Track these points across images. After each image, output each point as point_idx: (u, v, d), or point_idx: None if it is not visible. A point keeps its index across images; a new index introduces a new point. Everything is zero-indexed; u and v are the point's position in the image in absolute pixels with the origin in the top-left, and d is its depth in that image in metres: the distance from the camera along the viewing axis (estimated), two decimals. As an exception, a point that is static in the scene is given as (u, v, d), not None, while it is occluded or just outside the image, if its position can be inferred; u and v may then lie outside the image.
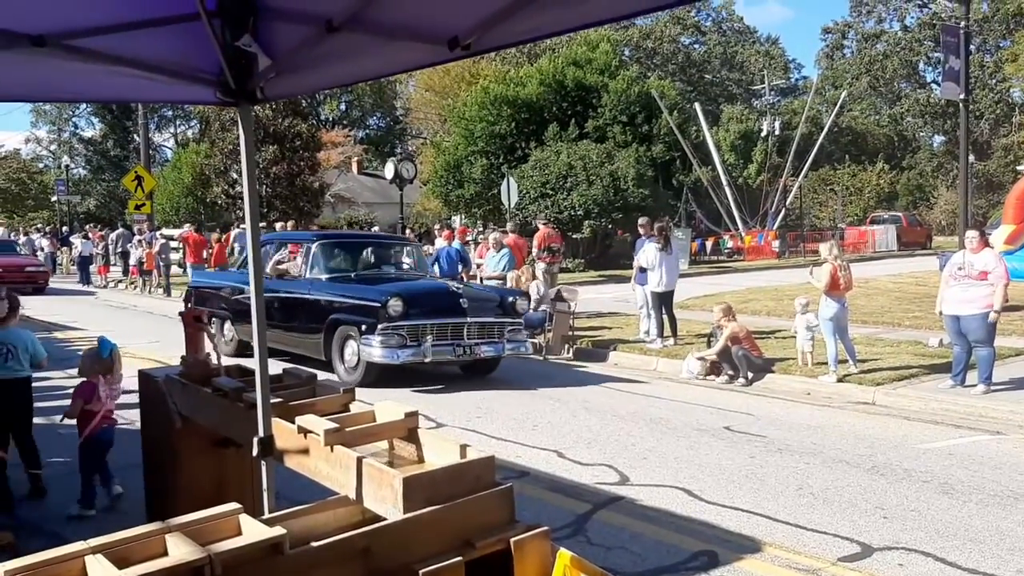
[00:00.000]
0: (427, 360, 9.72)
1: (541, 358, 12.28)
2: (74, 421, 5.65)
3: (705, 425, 8.18)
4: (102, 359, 5.57)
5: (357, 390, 8.44)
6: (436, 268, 15.67)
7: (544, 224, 17.20)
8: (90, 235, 31.05)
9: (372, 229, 29.75)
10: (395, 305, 9.56)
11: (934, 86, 61.93)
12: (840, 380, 9.71)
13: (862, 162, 55.07)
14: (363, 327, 9.69)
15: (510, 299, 10.68)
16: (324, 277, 10.87)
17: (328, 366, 10.28)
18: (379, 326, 9.55)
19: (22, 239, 34.45)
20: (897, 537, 5.22)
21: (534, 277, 14.32)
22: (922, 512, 5.67)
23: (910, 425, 8.24)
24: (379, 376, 9.80)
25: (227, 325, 12.36)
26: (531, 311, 12.56)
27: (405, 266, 12.20)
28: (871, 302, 16.72)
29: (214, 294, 12.89)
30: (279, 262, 11.64)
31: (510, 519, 2.82)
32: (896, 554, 4.96)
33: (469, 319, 9.99)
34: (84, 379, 5.62)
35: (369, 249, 12.27)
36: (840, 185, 51.14)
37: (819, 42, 75.08)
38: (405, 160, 26.88)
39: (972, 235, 9.15)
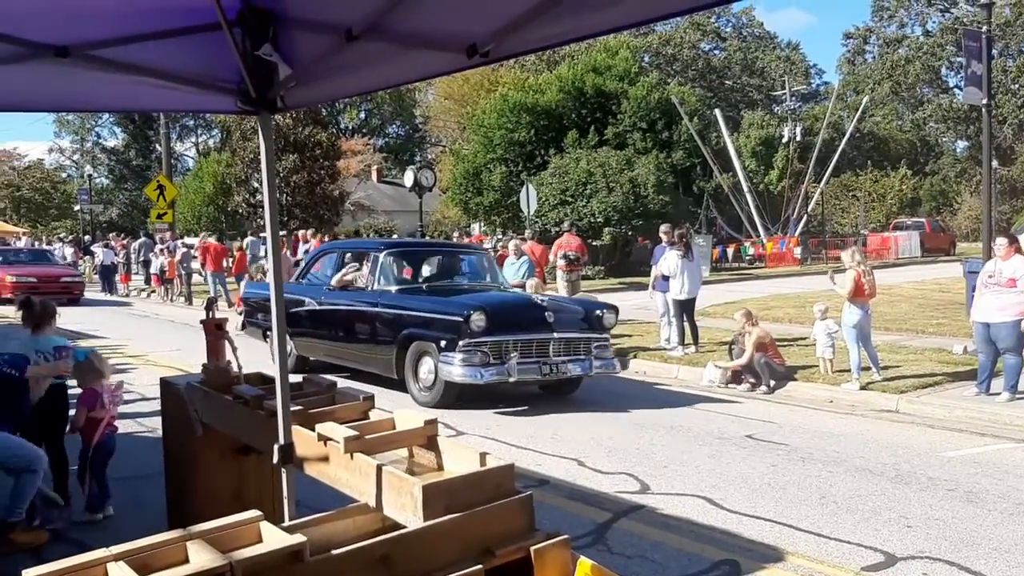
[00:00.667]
0: (512, 380, 8.95)
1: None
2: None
3: (727, 433, 8.13)
4: (90, 365, 5.63)
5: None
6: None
7: (569, 231, 17.13)
8: (112, 244, 31.32)
9: (391, 237, 29.82)
10: (478, 320, 8.77)
11: (956, 91, 61.48)
12: (863, 388, 9.63)
13: (884, 168, 54.70)
14: (442, 343, 8.93)
15: (596, 312, 9.80)
16: (393, 289, 10.10)
17: (399, 385, 9.67)
18: (460, 342, 8.79)
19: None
20: (921, 546, 5.16)
21: (545, 283, 14.28)
22: (947, 521, 5.61)
23: (934, 433, 8.16)
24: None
25: None
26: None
27: (476, 277, 11.40)
28: (894, 309, 16.59)
29: (265, 307, 12.07)
30: (346, 275, 10.99)
31: (530, 527, 2.81)
32: (920, 563, 4.90)
33: (555, 334, 9.24)
34: (85, 388, 5.67)
35: (439, 258, 11.64)
36: (862, 191, 50.82)
37: (840, 47, 74.76)
38: (424, 168, 26.93)
39: (1001, 242, 9.03)
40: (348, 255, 11.57)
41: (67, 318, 18.14)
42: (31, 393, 5.49)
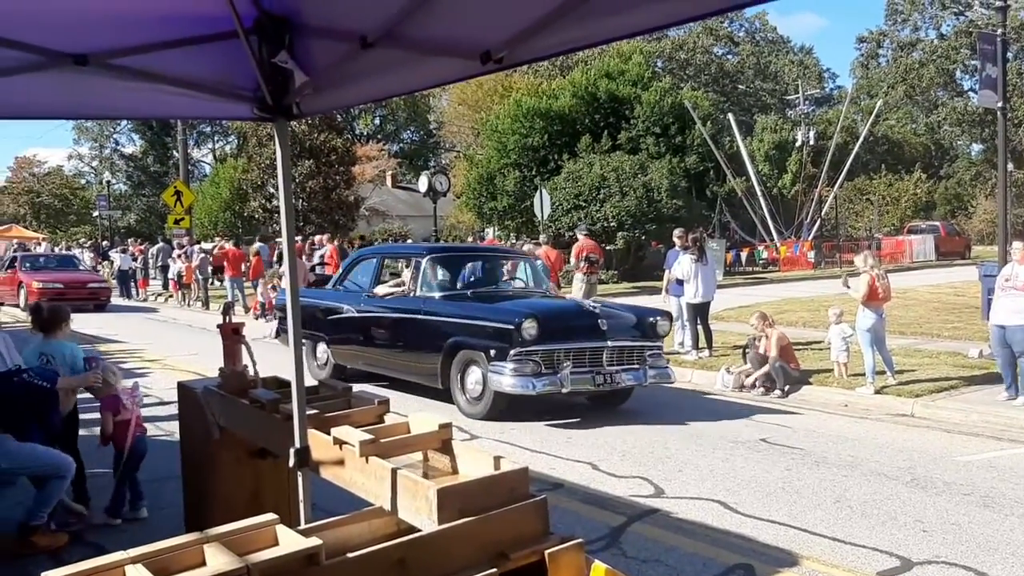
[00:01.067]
0: (565, 390, 8.54)
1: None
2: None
3: (741, 437, 8.11)
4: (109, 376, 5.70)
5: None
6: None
7: (584, 235, 17.12)
8: (131, 249, 31.53)
9: (407, 242, 29.90)
10: (530, 327, 8.39)
11: (971, 94, 61.09)
12: (878, 392, 9.59)
13: (899, 171, 54.45)
14: (491, 352, 8.54)
15: (650, 319, 9.33)
16: (437, 295, 9.70)
17: (443, 395, 9.35)
18: (511, 351, 8.40)
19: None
20: (937, 551, 5.14)
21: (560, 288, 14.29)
22: (963, 526, 5.59)
23: (950, 437, 8.12)
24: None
25: (320, 347, 11.34)
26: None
27: (520, 282, 11.01)
28: (909, 312, 16.52)
29: (304, 312, 12.01)
30: (397, 284, 10.57)
31: (544, 531, 2.82)
32: (936, 568, 4.88)
33: (609, 343, 8.82)
34: (103, 397, 5.72)
35: (484, 263, 11.10)
36: (876, 195, 50.58)
37: (854, 51, 74.44)
38: (439, 173, 26.98)
39: (1017, 246, 8.99)
40: (388, 260, 11.28)
41: (88, 323, 18.28)
42: (61, 406, 5.54)
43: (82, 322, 17.79)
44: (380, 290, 10.55)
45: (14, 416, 5.09)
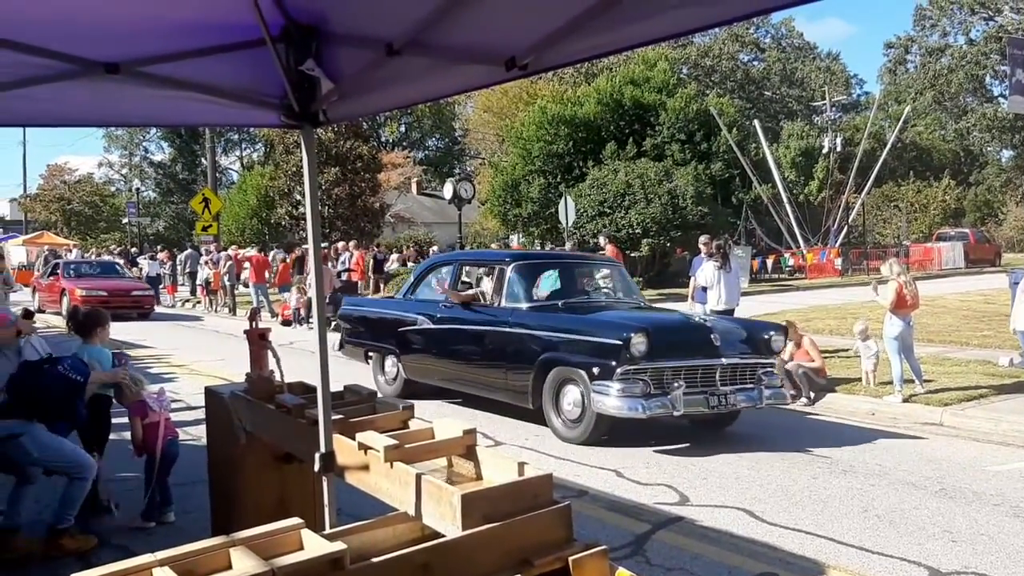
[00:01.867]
0: (677, 413, 7.73)
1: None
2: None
3: (766, 445, 8.06)
4: (126, 388, 5.75)
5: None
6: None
7: (608, 241, 17.07)
8: (159, 256, 31.85)
9: (431, 249, 30.00)
10: (639, 343, 7.61)
11: (1001, 100, 60.46)
12: (906, 400, 9.50)
13: (927, 178, 53.94)
14: (594, 370, 7.76)
15: (764, 334, 8.55)
16: (525, 306, 8.90)
17: (535, 416, 8.63)
18: (618, 369, 7.64)
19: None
20: (967, 561, 5.08)
21: None
22: (993, 536, 5.51)
23: (980, 446, 8.02)
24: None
25: (389, 360, 10.57)
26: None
27: (608, 291, 10.12)
28: (938, 320, 16.34)
29: (372, 324, 11.10)
30: (472, 293, 9.88)
31: (568, 537, 2.82)
32: (966, 579, 4.83)
33: (723, 359, 8.06)
34: (130, 404, 5.78)
35: (573, 271, 10.21)
36: (904, 201, 50.12)
37: (881, 57, 73.91)
38: (463, 180, 27.11)
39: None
40: (466, 268, 10.64)
41: (116, 328, 18.47)
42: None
43: (115, 329, 17.99)
44: (452, 296, 9.83)
45: (45, 406, 5.16)
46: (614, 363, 7.68)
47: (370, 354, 10.95)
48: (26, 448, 5.04)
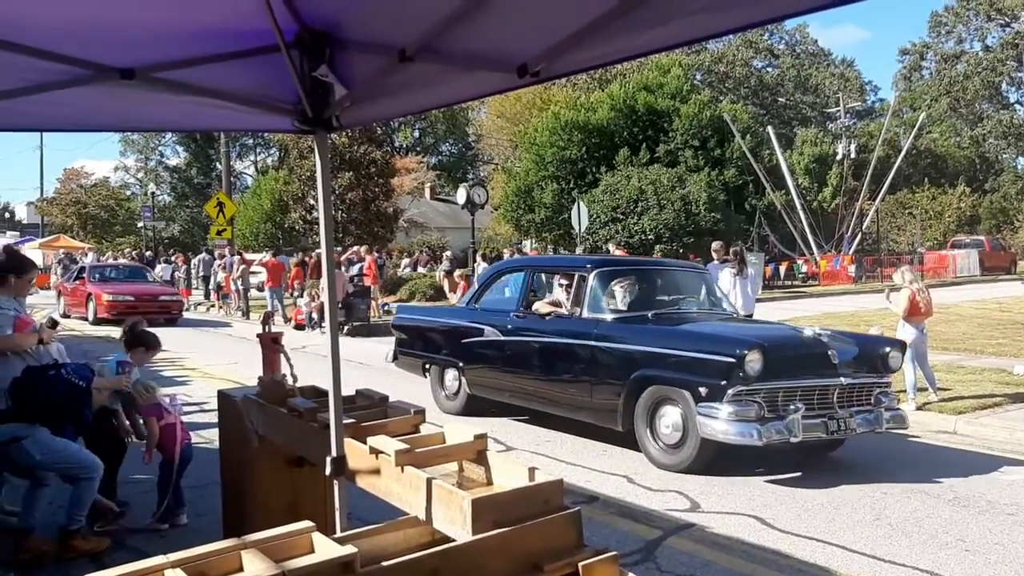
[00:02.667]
0: (794, 439, 6.88)
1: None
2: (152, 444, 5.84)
3: (778, 452, 8.02)
4: (137, 394, 5.77)
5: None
6: (507, 293, 15.59)
7: (618, 248, 17.08)
8: (174, 259, 32.03)
9: (445, 254, 30.03)
10: (754, 361, 6.83)
11: (1017, 106, 60.25)
12: (919, 408, 9.45)
13: (942, 185, 53.67)
14: (701, 390, 7.00)
15: (880, 349, 7.76)
16: (610, 317, 8.13)
17: (625, 439, 7.88)
18: (730, 390, 6.86)
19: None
20: (980, 571, 5.04)
21: None
22: (1006, 546, 5.48)
23: (994, 455, 7.97)
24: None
25: (450, 374, 9.85)
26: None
27: (703, 302, 9.18)
28: (952, 328, 16.25)
29: (430, 334, 10.32)
30: (554, 303, 8.96)
31: (578, 543, 2.82)
32: (979, 589, 4.80)
33: (842, 379, 7.25)
34: (144, 408, 5.81)
35: (658, 279, 9.43)
36: (919, 208, 49.88)
37: (896, 63, 73.66)
38: (477, 185, 27.15)
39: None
40: (541, 275, 9.85)
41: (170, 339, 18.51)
42: (93, 404, 5.64)
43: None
44: (540, 309, 8.90)
45: (49, 411, 5.18)
46: (725, 383, 6.88)
47: (428, 367, 10.22)
48: (28, 451, 5.06)
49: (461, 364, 9.55)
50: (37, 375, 5.17)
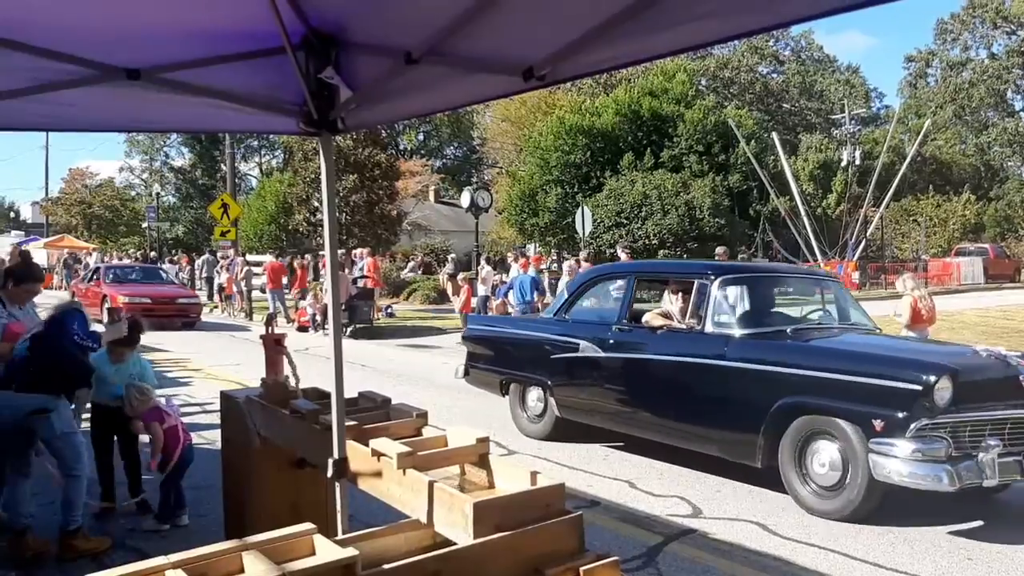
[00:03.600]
0: (990, 483, 5.83)
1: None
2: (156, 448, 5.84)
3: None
4: (129, 398, 5.78)
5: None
6: (511, 296, 15.61)
7: (625, 252, 17.06)
8: (178, 261, 32.07)
9: (448, 257, 30.05)
10: (944, 389, 5.77)
11: (1023, 114, 60.16)
12: (923, 416, 9.40)
13: (947, 192, 53.55)
14: (876, 423, 5.85)
15: None
16: (740, 333, 6.95)
17: (761, 476, 6.88)
18: (914, 423, 5.73)
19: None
20: (982, 580, 5.03)
21: None
22: (1008, 555, 5.46)
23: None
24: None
25: (534, 393, 8.80)
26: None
27: (841, 314, 8.09)
28: (956, 336, 16.21)
29: (511, 348, 9.22)
30: (665, 314, 7.94)
31: (580, 548, 2.82)
32: (981, 597, 4.78)
33: None
34: (144, 412, 5.81)
35: (791, 288, 8.51)
36: (923, 216, 49.80)
37: (902, 70, 73.64)
38: (481, 189, 27.16)
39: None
40: (646, 282, 8.77)
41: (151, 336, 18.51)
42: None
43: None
44: (652, 321, 7.85)
45: (67, 375, 5.17)
46: (906, 415, 5.77)
47: (508, 383, 9.13)
48: (53, 424, 5.05)
49: (549, 383, 8.46)
50: (51, 341, 5.10)
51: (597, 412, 8.11)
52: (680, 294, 7.85)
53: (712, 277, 7.37)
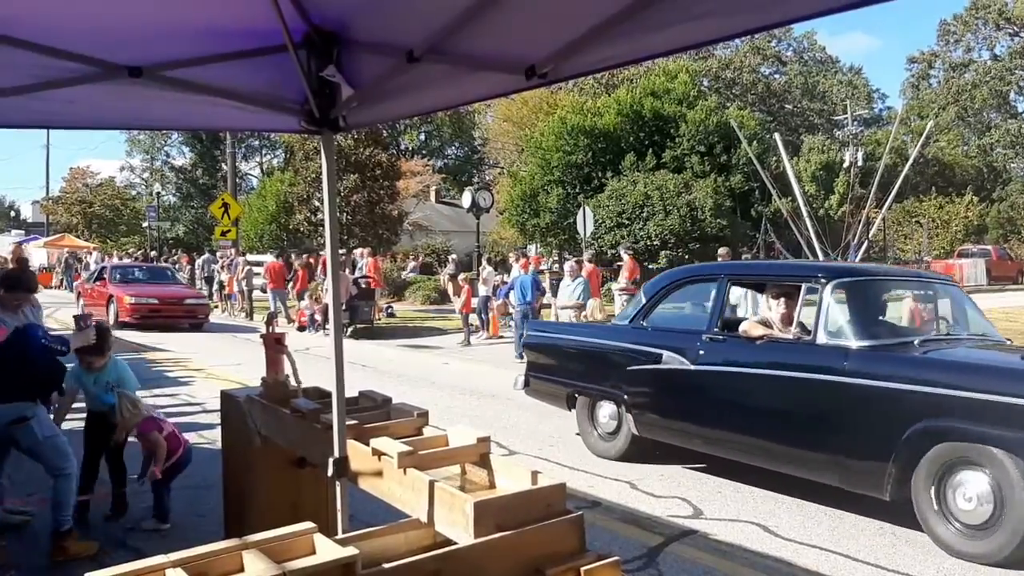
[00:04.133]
0: None
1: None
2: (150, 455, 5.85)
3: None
4: (121, 409, 5.75)
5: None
6: (512, 296, 15.61)
7: (628, 254, 17.06)
8: (178, 260, 32.07)
9: (449, 258, 30.04)
10: None
11: (1026, 116, 60.13)
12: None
13: (949, 194, 53.51)
14: None
15: None
16: (858, 345, 6.11)
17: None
18: None
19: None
20: (984, 582, 5.01)
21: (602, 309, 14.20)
22: (1011, 556, 5.44)
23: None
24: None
25: (606, 408, 8.03)
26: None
27: (962, 324, 7.23)
28: (958, 338, 16.18)
29: (580, 358, 8.48)
30: (764, 322, 7.00)
31: (580, 548, 2.81)
32: (983, 599, 4.76)
33: None
34: (139, 424, 5.79)
35: (912, 294, 7.85)
36: (926, 217, 49.77)
37: (904, 72, 73.64)
38: (482, 189, 27.17)
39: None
40: (740, 287, 8.13)
41: (154, 337, 18.53)
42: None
43: (148, 337, 18.08)
44: (752, 331, 6.90)
45: (38, 381, 5.11)
46: None
47: (575, 398, 8.38)
48: (34, 431, 5.00)
49: (625, 397, 7.65)
50: (17, 347, 5.00)
51: (685, 433, 7.32)
52: (782, 299, 6.91)
53: (824, 280, 6.55)
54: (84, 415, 6.10)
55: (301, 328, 19.71)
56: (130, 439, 6.14)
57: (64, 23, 2.79)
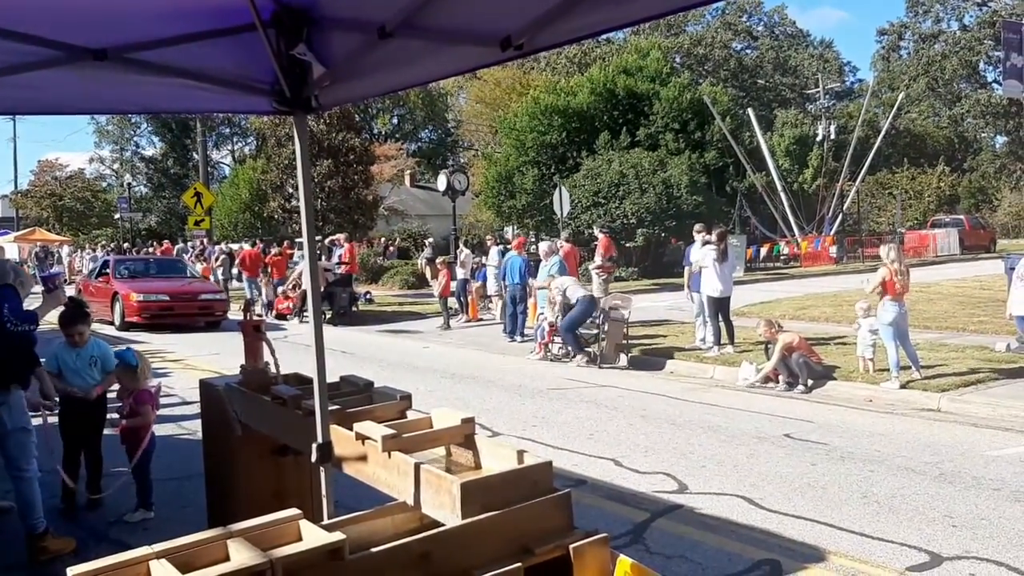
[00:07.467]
0: None
1: (596, 367, 12.18)
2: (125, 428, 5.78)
3: (764, 433, 8.04)
4: (138, 371, 5.68)
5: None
6: (506, 279, 15.42)
7: (603, 232, 17.05)
8: (151, 251, 31.77)
9: (426, 242, 29.96)
10: None
11: (995, 85, 60.58)
12: (903, 386, 9.48)
13: (921, 165, 53.99)
14: None
15: None
16: None
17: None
18: None
19: (86, 255, 35.39)
20: (967, 546, 5.06)
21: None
22: (993, 521, 5.50)
23: (978, 432, 8.01)
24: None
25: None
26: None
27: None
28: (933, 307, 16.34)
29: None
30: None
31: (568, 525, 2.79)
32: (967, 563, 4.81)
33: None
34: (138, 390, 5.72)
35: None
36: (899, 189, 50.17)
37: (875, 44, 73.97)
38: (457, 172, 27.03)
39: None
40: None
41: (150, 335, 18.32)
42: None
43: (145, 335, 17.88)
44: None
45: (8, 369, 4.92)
46: None
47: None
48: (3, 420, 4.88)
49: None
50: None
51: None
52: None
53: None
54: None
55: (281, 316, 19.61)
56: (106, 431, 6.08)
57: (24, 5, 2.71)
